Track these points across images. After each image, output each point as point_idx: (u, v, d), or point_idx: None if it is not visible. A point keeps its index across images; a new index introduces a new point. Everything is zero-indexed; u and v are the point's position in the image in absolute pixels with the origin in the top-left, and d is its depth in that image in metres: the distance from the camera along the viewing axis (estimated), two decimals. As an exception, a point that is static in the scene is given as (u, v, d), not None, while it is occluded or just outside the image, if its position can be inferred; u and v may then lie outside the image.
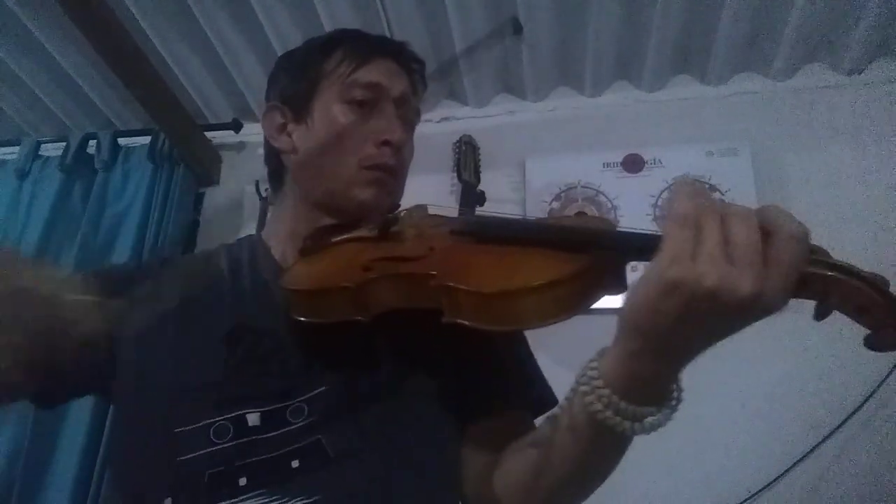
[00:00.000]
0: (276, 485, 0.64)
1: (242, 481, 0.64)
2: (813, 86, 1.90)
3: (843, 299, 0.48)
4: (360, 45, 0.84)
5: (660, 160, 1.90)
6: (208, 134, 2.25)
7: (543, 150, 1.96)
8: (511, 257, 0.62)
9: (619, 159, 1.92)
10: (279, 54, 0.94)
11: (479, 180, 1.95)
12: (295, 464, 0.65)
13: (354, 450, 0.67)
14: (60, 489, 1.77)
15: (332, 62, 0.83)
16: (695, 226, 0.47)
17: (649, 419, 0.53)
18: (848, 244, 1.65)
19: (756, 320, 0.48)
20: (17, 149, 2.31)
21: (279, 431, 0.67)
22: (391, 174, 0.81)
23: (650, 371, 0.52)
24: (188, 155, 2.15)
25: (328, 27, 1.79)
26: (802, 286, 0.48)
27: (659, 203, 1.86)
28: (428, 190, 0.86)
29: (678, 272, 0.46)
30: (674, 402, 0.54)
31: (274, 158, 0.89)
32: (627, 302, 0.50)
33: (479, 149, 2.00)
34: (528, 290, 0.55)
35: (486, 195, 1.93)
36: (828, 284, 0.48)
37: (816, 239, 0.49)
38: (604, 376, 0.53)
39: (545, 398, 0.82)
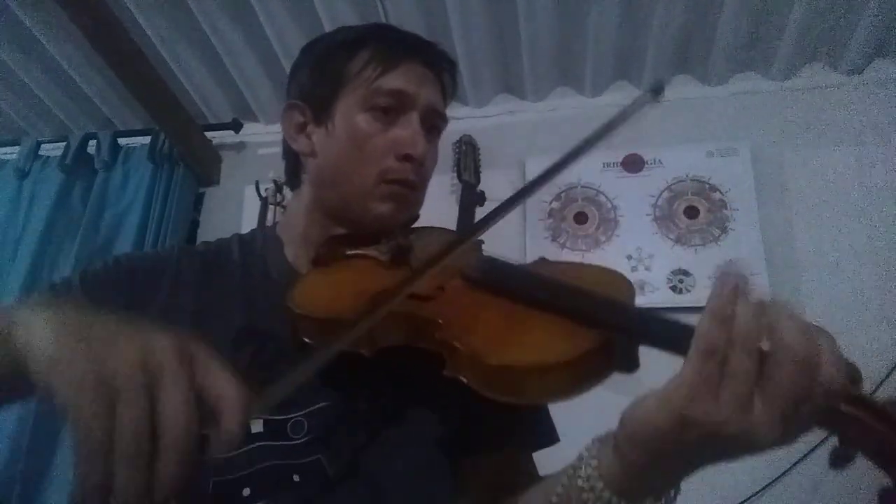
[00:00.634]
0: (277, 496, 0.63)
1: (246, 492, 0.63)
2: (813, 86, 1.90)
3: (863, 442, 0.44)
4: (387, 46, 0.80)
5: (660, 160, 1.90)
6: (208, 134, 2.25)
7: (543, 150, 1.96)
8: (522, 321, 0.59)
9: (619, 159, 1.92)
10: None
11: (479, 180, 1.95)
12: (296, 478, 0.65)
13: (353, 472, 0.66)
14: (60, 489, 1.77)
15: (357, 63, 0.79)
16: (721, 361, 0.43)
17: None
18: (847, 245, 1.67)
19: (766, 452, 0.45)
20: (17, 149, 2.31)
21: (280, 442, 0.66)
22: (411, 188, 0.79)
23: (653, 480, 0.51)
24: (188, 155, 2.15)
25: (328, 27, 1.79)
26: (819, 421, 0.45)
27: (659, 203, 1.86)
28: (428, 190, 0.85)
29: (698, 412, 0.43)
30: (672, 497, 0.53)
31: (292, 156, 0.86)
32: (638, 417, 0.48)
33: (479, 149, 2.00)
34: (535, 368, 0.53)
35: (486, 195, 1.94)
36: (847, 424, 0.44)
37: (815, 240, 0.48)
38: (604, 476, 0.51)
39: (547, 436, 0.80)
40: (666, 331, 0.50)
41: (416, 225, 0.83)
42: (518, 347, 0.56)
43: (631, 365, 0.56)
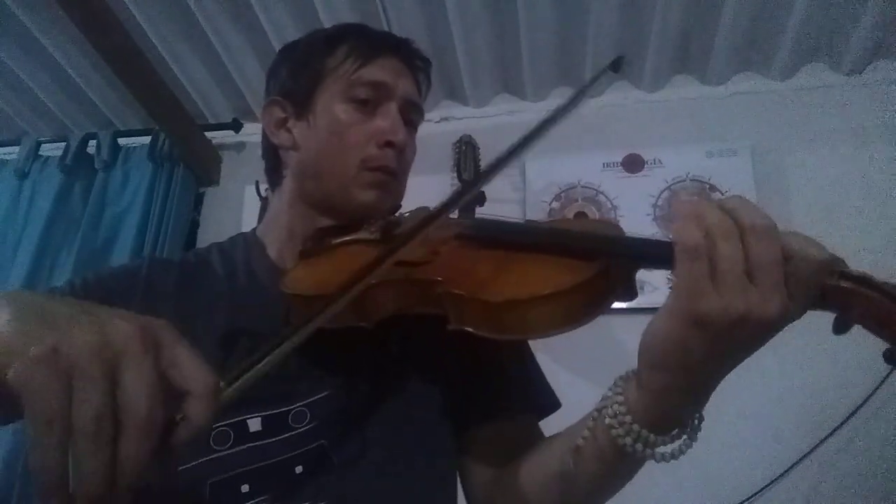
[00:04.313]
0: (279, 490, 0.63)
1: (245, 488, 0.63)
2: (813, 86, 1.90)
3: (862, 312, 0.46)
4: (365, 41, 0.82)
5: (660, 160, 1.90)
6: (208, 134, 2.25)
7: (543, 150, 1.95)
8: (518, 264, 0.61)
9: (619, 159, 1.92)
10: (279, 49, 0.92)
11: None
12: (298, 469, 0.64)
13: (357, 455, 0.67)
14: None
15: (336, 58, 0.81)
16: (707, 255, 0.45)
17: (675, 446, 0.53)
18: (847, 244, 1.67)
19: (777, 332, 0.47)
20: (17, 149, 2.31)
21: (281, 437, 0.65)
22: (393, 176, 0.80)
23: (681, 402, 0.51)
24: (188, 155, 2.15)
25: (328, 26, 1.79)
26: (821, 299, 0.47)
27: (659, 203, 1.86)
28: (428, 190, 0.85)
29: (703, 306, 0.44)
30: (696, 423, 0.54)
31: (272, 154, 0.87)
32: (652, 339, 0.49)
33: (479, 149, 1.99)
34: (537, 299, 0.54)
35: (486, 195, 1.93)
36: (847, 297, 0.46)
37: (816, 239, 0.48)
38: (633, 411, 0.52)
39: (548, 402, 0.81)
40: (657, 249, 0.52)
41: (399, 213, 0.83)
42: (520, 284, 0.57)
43: (630, 292, 0.58)
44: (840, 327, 0.48)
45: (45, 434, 0.34)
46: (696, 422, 0.53)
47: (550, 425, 0.77)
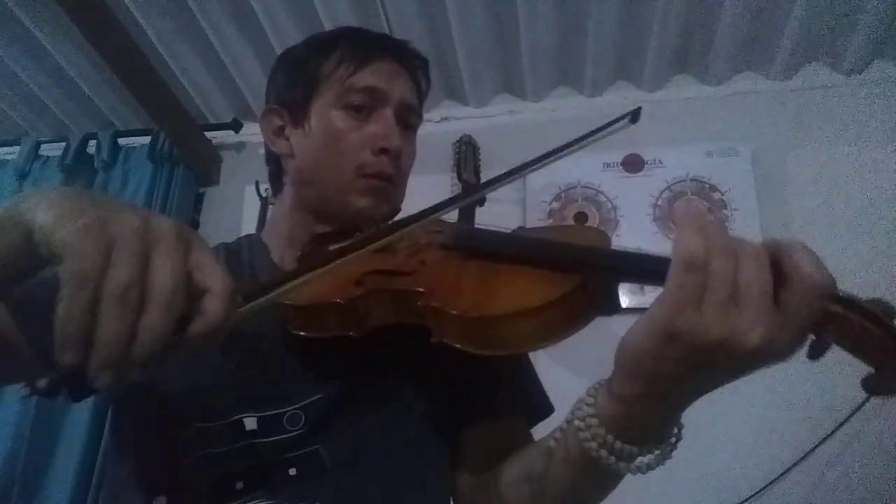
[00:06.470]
0: (273, 490, 0.64)
1: (239, 485, 0.64)
2: (813, 86, 1.90)
3: (839, 334, 0.43)
4: (359, 45, 0.82)
5: (660, 160, 1.90)
6: (208, 134, 2.25)
7: (543, 150, 1.95)
8: (500, 276, 0.61)
9: (619, 159, 1.92)
10: (279, 54, 0.93)
11: (479, 180, 1.95)
12: (292, 472, 0.65)
13: (351, 459, 0.67)
14: (60, 489, 1.77)
15: (330, 64, 0.81)
16: (703, 270, 0.42)
17: (645, 459, 0.51)
18: (847, 244, 1.67)
19: (764, 367, 0.45)
20: (17, 149, 2.31)
21: (276, 437, 0.66)
22: (389, 182, 0.80)
23: (650, 414, 0.50)
24: (188, 155, 2.15)
25: (328, 27, 1.79)
26: (811, 325, 0.44)
27: (659, 203, 1.86)
28: (428, 190, 0.85)
29: (683, 322, 0.42)
30: (672, 441, 0.52)
31: (273, 161, 0.88)
32: (627, 344, 0.47)
33: (479, 149, 2.00)
34: (514, 315, 0.54)
35: (486, 195, 1.93)
36: (829, 321, 0.43)
37: (816, 240, 0.47)
38: (600, 415, 0.51)
39: (540, 406, 0.81)
40: (638, 264, 0.50)
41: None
42: (498, 299, 0.57)
43: (612, 306, 0.57)
44: (814, 352, 0.45)
45: (78, 289, 0.37)
46: (673, 439, 0.52)
47: (546, 430, 0.76)
